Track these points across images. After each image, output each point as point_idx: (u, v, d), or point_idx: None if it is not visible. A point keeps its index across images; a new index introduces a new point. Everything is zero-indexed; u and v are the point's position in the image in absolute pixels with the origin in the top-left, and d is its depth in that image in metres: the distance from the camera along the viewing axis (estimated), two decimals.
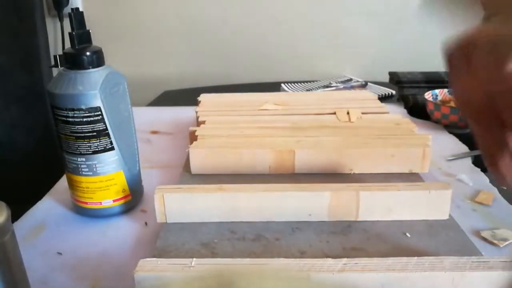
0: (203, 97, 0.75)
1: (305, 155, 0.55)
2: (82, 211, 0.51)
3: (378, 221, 0.46)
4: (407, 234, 0.43)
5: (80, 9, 0.46)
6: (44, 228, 0.49)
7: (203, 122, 0.64)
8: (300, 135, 0.59)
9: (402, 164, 0.55)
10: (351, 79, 1.07)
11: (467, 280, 0.34)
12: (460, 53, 0.32)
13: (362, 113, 0.66)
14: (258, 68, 1.25)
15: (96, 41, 0.47)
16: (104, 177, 0.48)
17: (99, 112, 0.45)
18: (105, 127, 0.46)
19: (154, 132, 0.75)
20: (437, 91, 0.80)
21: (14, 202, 0.36)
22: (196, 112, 0.68)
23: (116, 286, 0.40)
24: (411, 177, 0.55)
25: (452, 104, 0.76)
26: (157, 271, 0.34)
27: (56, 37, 1.18)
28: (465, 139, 0.69)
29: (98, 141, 0.46)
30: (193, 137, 0.60)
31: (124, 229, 0.49)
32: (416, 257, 0.35)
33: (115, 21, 1.23)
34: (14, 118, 1.07)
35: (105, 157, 0.47)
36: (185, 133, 0.64)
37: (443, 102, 0.78)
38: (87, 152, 0.47)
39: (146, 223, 0.49)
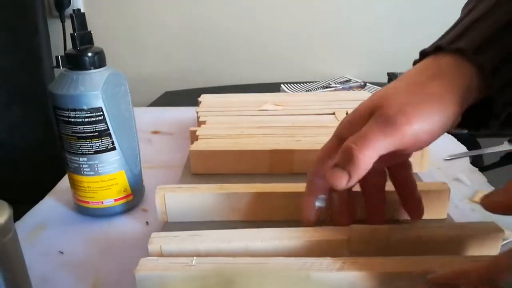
0: (203, 98, 0.75)
1: (304, 155, 0.55)
2: (84, 211, 0.51)
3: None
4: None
5: (82, 10, 0.46)
6: (46, 227, 0.49)
7: (204, 122, 0.64)
8: (300, 135, 0.59)
9: None
10: (350, 80, 1.07)
11: None
12: None
13: None
14: (258, 68, 1.26)
15: (97, 42, 0.47)
16: (105, 176, 0.48)
17: (101, 113, 0.46)
18: (106, 127, 0.47)
19: (155, 132, 0.75)
20: None
21: (15, 201, 0.36)
22: (197, 113, 0.68)
23: (117, 285, 0.40)
24: None
25: None
26: (158, 270, 0.35)
27: (58, 38, 1.18)
28: (463, 139, 0.70)
29: (100, 141, 0.47)
30: (193, 137, 0.60)
31: (126, 229, 0.49)
32: (414, 256, 0.36)
33: (116, 22, 1.23)
34: (15, 118, 1.07)
35: (107, 157, 0.48)
36: (186, 133, 0.65)
37: None
38: (89, 152, 0.47)
39: (147, 223, 0.50)
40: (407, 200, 0.41)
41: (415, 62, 0.38)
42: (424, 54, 0.37)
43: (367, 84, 1.03)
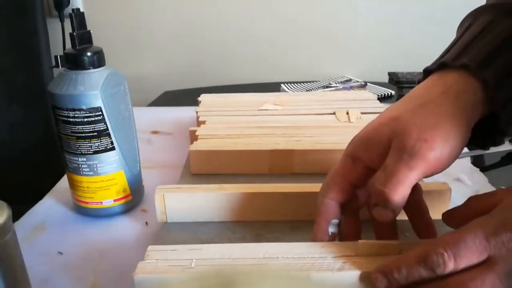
0: (203, 97, 0.75)
1: (304, 155, 0.55)
2: (83, 211, 0.51)
3: None
4: (406, 234, 0.43)
5: (81, 10, 0.46)
6: (45, 228, 0.49)
7: (203, 122, 0.64)
8: (300, 135, 0.59)
9: None
10: (350, 80, 1.07)
11: None
12: None
13: (362, 113, 0.66)
14: (258, 68, 1.26)
15: (96, 42, 0.47)
16: (105, 177, 0.48)
17: (100, 112, 0.45)
18: (106, 127, 0.46)
19: (155, 132, 0.75)
20: None
21: (15, 202, 0.36)
22: (196, 112, 0.68)
23: (116, 285, 0.40)
24: None
25: None
26: (156, 273, 0.34)
27: (57, 37, 1.18)
28: None
29: (99, 141, 0.47)
30: (193, 137, 0.60)
31: (125, 229, 0.49)
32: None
33: (115, 22, 1.23)
34: (15, 118, 1.07)
35: (106, 157, 0.47)
36: (186, 133, 0.65)
37: None
38: (88, 152, 0.47)
39: (146, 223, 0.49)
40: (419, 224, 0.40)
41: (419, 81, 0.38)
42: (428, 71, 0.38)
43: (368, 83, 1.03)
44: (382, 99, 0.95)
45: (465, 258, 0.29)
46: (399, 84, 1.00)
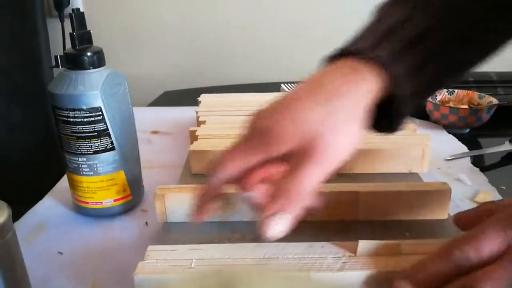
0: (203, 97, 0.75)
1: None
2: (83, 211, 0.51)
3: (377, 220, 0.46)
4: (406, 234, 0.44)
5: (81, 10, 0.46)
6: (45, 227, 0.49)
7: (203, 122, 0.64)
8: None
9: (402, 164, 0.56)
10: None
11: None
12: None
13: None
14: (258, 68, 1.26)
15: (96, 42, 0.47)
16: (104, 177, 0.48)
17: (100, 112, 0.45)
18: (106, 127, 0.46)
19: (155, 132, 0.75)
20: None
21: (14, 202, 0.36)
22: (197, 112, 0.68)
23: (116, 285, 0.40)
24: (411, 177, 0.55)
25: (451, 104, 0.76)
26: (156, 273, 0.34)
27: (57, 37, 1.18)
28: (464, 139, 0.69)
29: (99, 141, 0.47)
30: (193, 137, 0.60)
31: (125, 229, 0.49)
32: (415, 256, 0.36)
33: (115, 22, 1.23)
34: (15, 118, 1.07)
35: (106, 157, 0.47)
36: (186, 133, 0.65)
37: (442, 102, 0.78)
38: (88, 152, 0.47)
39: (146, 223, 0.49)
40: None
41: (330, 59, 0.38)
42: (341, 55, 0.37)
43: None
44: None
45: (487, 248, 0.30)
46: None
